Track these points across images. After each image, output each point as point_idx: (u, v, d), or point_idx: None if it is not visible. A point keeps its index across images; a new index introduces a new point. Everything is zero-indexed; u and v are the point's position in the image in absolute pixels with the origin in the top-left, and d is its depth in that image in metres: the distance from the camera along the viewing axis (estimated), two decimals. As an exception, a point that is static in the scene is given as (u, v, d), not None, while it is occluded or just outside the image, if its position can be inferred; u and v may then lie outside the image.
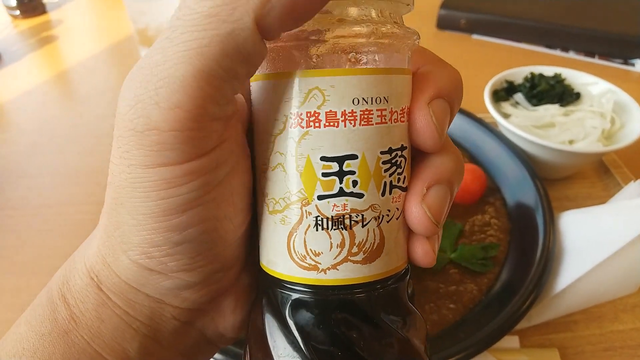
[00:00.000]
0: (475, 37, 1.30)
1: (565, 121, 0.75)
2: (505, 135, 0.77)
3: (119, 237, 0.23)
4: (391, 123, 0.23)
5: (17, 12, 1.45)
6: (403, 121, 0.24)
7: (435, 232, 0.25)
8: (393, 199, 0.24)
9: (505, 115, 0.79)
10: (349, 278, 0.23)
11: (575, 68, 1.15)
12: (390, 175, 0.24)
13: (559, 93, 0.79)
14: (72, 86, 1.20)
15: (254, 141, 0.25)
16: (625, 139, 0.72)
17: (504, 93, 0.83)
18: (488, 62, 1.20)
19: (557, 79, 0.82)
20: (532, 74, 0.85)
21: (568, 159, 0.72)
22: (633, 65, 1.18)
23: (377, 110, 0.22)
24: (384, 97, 0.23)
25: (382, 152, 0.23)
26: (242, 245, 0.27)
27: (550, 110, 0.77)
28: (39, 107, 1.09)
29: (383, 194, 0.23)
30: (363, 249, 0.23)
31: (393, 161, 0.24)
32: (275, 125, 0.23)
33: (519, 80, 0.85)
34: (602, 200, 0.76)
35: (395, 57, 0.24)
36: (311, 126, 0.22)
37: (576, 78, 0.85)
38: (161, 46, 0.20)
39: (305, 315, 0.23)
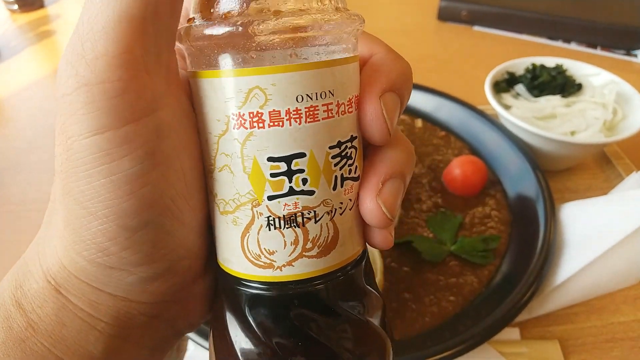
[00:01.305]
0: (476, 28, 1.29)
1: (566, 112, 0.74)
2: (506, 126, 0.77)
3: (70, 236, 0.22)
4: (339, 116, 0.22)
5: (15, 7, 1.45)
6: (351, 111, 0.23)
7: (390, 224, 0.25)
8: (345, 191, 0.24)
9: (507, 107, 0.78)
10: (305, 272, 0.23)
11: (577, 59, 1.15)
12: (341, 168, 0.23)
13: (560, 84, 0.79)
14: (71, 80, 1.19)
15: (200, 140, 0.24)
16: (627, 130, 0.72)
17: (505, 84, 0.82)
18: (489, 54, 1.19)
19: (559, 70, 0.82)
20: (533, 65, 0.84)
21: (569, 150, 0.72)
22: (635, 56, 1.17)
23: (322, 105, 0.22)
24: (329, 91, 0.22)
25: (330, 147, 0.22)
26: (206, 230, 0.25)
27: (552, 102, 0.76)
28: (38, 102, 1.09)
29: (334, 188, 0.23)
30: (317, 244, 0.23)
31: (343, 154, 0.23)
32: (218, 126, 0.22)
33: (520, 71, 0.84)
34: (603, 191, 0.75)
35: (339, 48, 0.23)
36: (255, 127, 0.21)
37: (578, 69, 0.84)
38: (85, 7, 0.20)
39: (264, 311, 0.23)
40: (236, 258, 0.23)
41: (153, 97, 0.20)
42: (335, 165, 0.23)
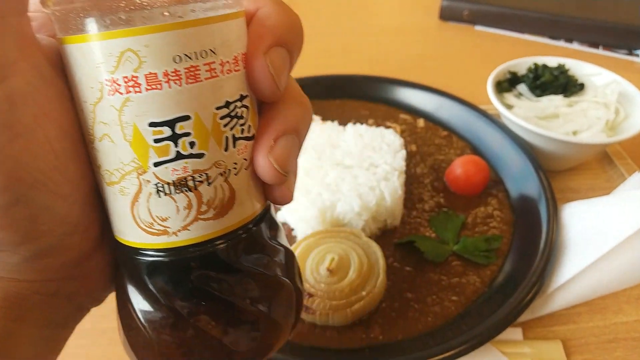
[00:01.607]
0: (478, 28, 1.29)
1: (569, 112, 0.74)
2: (508, 126, 0.77)
3: None
4: (223, 75, 0.22)
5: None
6: (238, 70, 0.23)
7: (284, 181, 0.25)
8: (239, 151, 0.23)
9: (509, 107, 0.78)
10: (202, 235, 0.23)
11: (579, 59, 1.14)
12: (232, 128, 0.23)
13: (562, 84, 0.78)
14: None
15: (76, 110, 0.23)
16: (629, 130, 0.71)
17: (507, 84, 0.82)
18: (491, 54, 1.19)
19: (561, 70, 0.81)
20: (535, 64, 0.84)
21: (572, 150, 0.72)
22: (637, 55, 1.17)
23: (204, 65, 0.21)
24: (211, 50, 0.21)
25: (218, 108, 0.22)
26: (96, 203, 0.24)
27: (554, 101, 0.76)
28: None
29: (226, 149, 0.22)
30: (213, 206, 0.23)
31: (232, 114, 0.22)
32: (92, 94, 0.21)
33: (522, 71, 0.84)
34: (605, 191, 0.75)
35: (219, 4, 0.22)
36: (131, 91, 0.20)
37: (580, 69, 0.84)
38: None
39: (164, 276, 0.23)
40: (129, 228, 0.23)
41: (5, 57, 0.19)
42: (225, 126, 0.22)
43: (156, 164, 0.21)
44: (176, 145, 0.21)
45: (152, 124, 0.21)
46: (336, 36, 1.30)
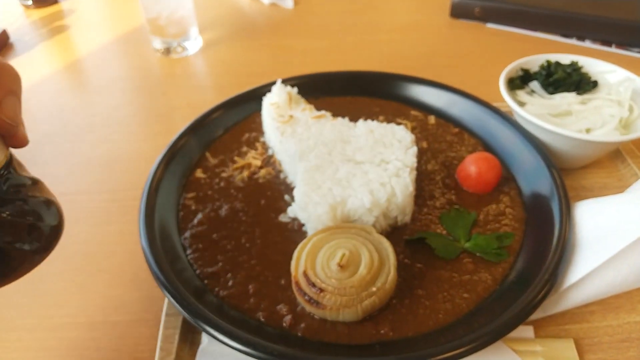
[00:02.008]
0: (489, 25, 1.28)
1: (582, 109, 0.73)
2: (521, 124, 0.76)
3: None
4: None
5: (30, 2, 1.46)
6: None
7: (17, 130, 0.37)
8: None
9: (521, 104, 0.78)
10: None
11: (592, 57, 1.13)
12: None
13: (575, 81, 0.78)
14: (84, 75, 1.20)
15: None
16: (644, 128, 0.71)
17: (519, 81, 0.82)
18: (502, 51, 1.18)
19: (574, 67, 0.80)
20: (548, 62, 0.83)
21: (585, 147, 0.71)
22: (651, 54, 1.16)
23: None
24: None
25: None
26: None
27: (567, 99, 0.75)
28: (52, 97, 1.09)
29: None
30: None
31: None
32: None
33: (535, 68, 0.83)
34: (618, 190, 0.74)
35: None
36: None
37: (593, 66, 0.83)
38: None
39: None
40: None
41: None
42: None
43: None
44: None
45: None
46: (347, 34, 1.30)
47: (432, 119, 0.85)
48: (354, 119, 0.78)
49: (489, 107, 0.81)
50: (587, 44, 1.21)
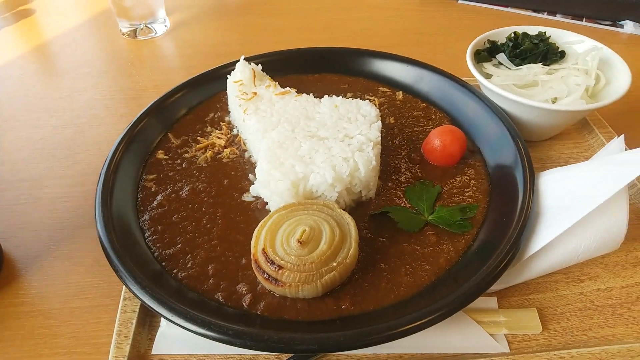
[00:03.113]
0: (461, 2, 1.26)
1: (548, 79, 0.72)
2: (487, 96, 0.75)
3: None
4: None
5: (-10, -13, 1.40)
6: None
7: None
8: None
9: (488, 76, 0.77)
10: None
11: (563, 29, 1.12)
12: None
13: (542, 51, 0.77)
14: (49, 60, 1.16)
15: None
16: (610, 97, 0.70)
17: (486, 53, 0.81)
18: (473, 27, 1.16)
19: (542, 38, 0.80)
20: (515, 33, 0.82)
21: (551, 117, 0.70)
22: (622, 26, 1.15)
23: None
24: None
25: None
26: None
27: (534, 69, 0.74)
28: (16, 82, 1.06)
29: None
30: None
31: None
32: None
33: (502, 40, 0.82)
34: (585, 160, 0.74)
35: None
36: None
37: (561, 37, 0.82)
38: None
39: None
40: None
41: None
42: None
43: None
44: None
45: None
46: (320, 13, 1.27)
47: (400, 95, 0.84)
48: (321, 96, 0.77)
49: (455, 81, 0.80)
50: (559, 18, 1.20)
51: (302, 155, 0.63)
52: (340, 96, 0.75)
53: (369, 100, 0.83)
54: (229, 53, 1.11)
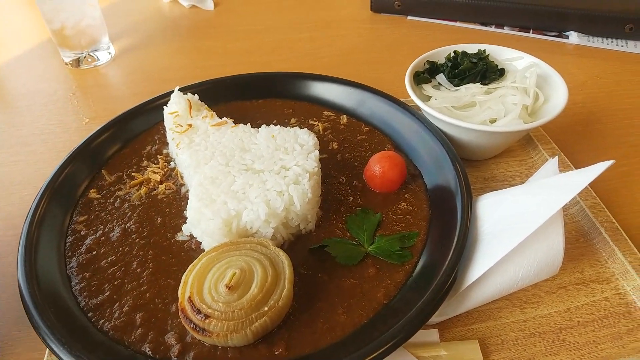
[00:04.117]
0: (410, 18, 1.27)
1: (486, 99, 0.72)
2: (427, 119, 0.74)
3: None
4: None
5: None
6: None
7: None
8: None
9: (427, 98, 0.76)
10: None
11: (510, 43, 1.13)
12: None
13: (481, 70, 0.77)
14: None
15: None
16: (549, 113, 0.70)
17: (427, 74, 0.80)
18: (423, 43, 1.17)
19: (480, 56, 0.79)
20: (455, 52, 0.82)
21: (489, 138, 0.70)
22: (567, 37, 1.17)
23: None
24: None
25: None
26: None
27: (472, 89, 0.74)
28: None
29: None
30: None
31: None
32: None
33: (442, 60, 0.82)
34: (529, 176, 0.74)
35: None
36: None
37: (500, 54, 0.82)
38: None
39: None
40: None
41: None
42: None
43: None
44: None
45: None
46: (269, 33, 1.26)
47: (344, 119, 0.83)
48: (266, 122, 0.75)
49: (395, 103, 0.79)
50: (507, 30, 1.21)
51: (236, 190, 0.60)
52: (287, 122, 0.72)
53: (313, 124, 0.81)
54: (177, 78, 1.08)
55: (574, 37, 1.16)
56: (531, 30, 1.20)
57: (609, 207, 0.70)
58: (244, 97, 0.87)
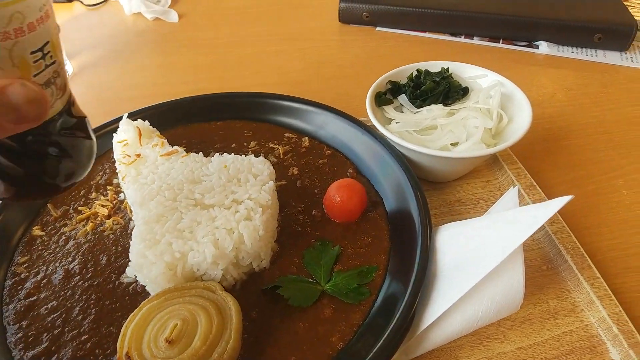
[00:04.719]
0: (379, 29, 1.24)
1: (447, 122, 0.70)
2: (389, 142, 0.72)
3: None
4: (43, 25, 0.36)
5: None
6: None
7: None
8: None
9: (389, 121, 0.73)
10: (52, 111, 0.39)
11: (480, 54, 1.12)
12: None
13: (443, 91, 0.74)
14: None
15: None
16: (513, 135, 0.68)
17: (389, 95, 0.78)
18: (392, 55, 1.14)
19: (443, 75, 0.77)
20: (418, 70, 0.79)
21: (451, 163, 0.68)
22: (537, 47, 1.16)
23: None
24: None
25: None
26: None
27: (433, 112, 0.71)
28: None
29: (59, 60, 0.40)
30: (57, 94, 0.40)
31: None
32: None
33: (405, 79, 0.79)
34: (495, 200, 0.72)
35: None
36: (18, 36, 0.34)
37: (464, 71, 0.80)
38: None
39: None
40: None
41: None
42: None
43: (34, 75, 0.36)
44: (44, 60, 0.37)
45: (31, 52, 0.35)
46: (236, 47, 1.22)
47: (306, 141, 0.80)
48: (225, 145, 0.71)
49: (358, 125, 0.76)
50: (476, 41, 1.19)
51: (182, 229, 0.57)
52: (232, 154, 0.68)
53: (274, 148, 0.78)
54: (139, 96, 1.04)
55: (544, 47, 1.15)
56: (501, 40, 1.19)
57: (575, 230, 0.68)
58: (202, 119, 0.84)
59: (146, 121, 0.74)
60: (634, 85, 1.02)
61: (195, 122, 0.84)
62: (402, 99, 0.75)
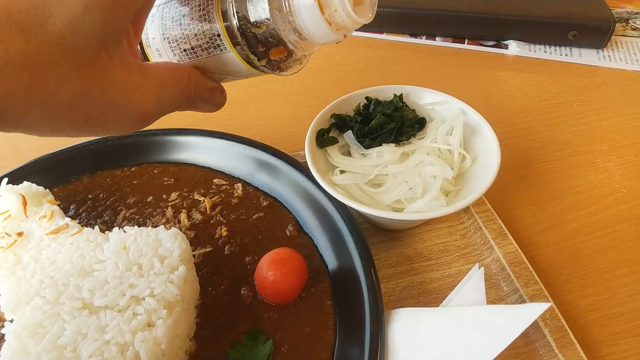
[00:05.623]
0: (330, 31, 1.10)
1: (400, 171, 0.58)
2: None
3: None
4: None
5: None
6: None
7: None
8: None
9: (333, 168, 0.61)
10: None
11: (443, 57, 0.99)
12: None
13: (396, 127, 0.62)
14: None
15: None
16: (478, 181, 0.57)
17: (335, 130, 0.65)
18: (346, 63, 1.01)
19: (396, 105, 0.65)
20: (367, 98, 0.67)
21: (403, 223, 0.56)
22: (506, 47, 1.04)
23: None
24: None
25: None
26: None
27: (384, 156, 0.59)
28: None
29: None
30: None
31: None
32: None
33: (351, 111, 0.67)
34: (460, 252, 0.62)
35: None
36: None
37: (421, 97, 0.68)
38: None
39: None
40: None
41: None
42: None
43: None
44: None
45: None
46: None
47: (239, 189, 0.67)
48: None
49: (299, 170, 0.64)
50: (439, 42, 1.07)
51: (64, 344, 0.44)
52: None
53: (199, 200, 0.65)
54: (43, 146, 0.88)
55: (513, 47, 1.03)
56: (466, 41, 1.06)
57: (553, 286, 0.58)
58: (112, 165, 0.70)
59: (33, 184, 0.60)
60: (611, 92, 0.91)
61: (104, 168, 0.70)
62: (349, 136, 0.63)
